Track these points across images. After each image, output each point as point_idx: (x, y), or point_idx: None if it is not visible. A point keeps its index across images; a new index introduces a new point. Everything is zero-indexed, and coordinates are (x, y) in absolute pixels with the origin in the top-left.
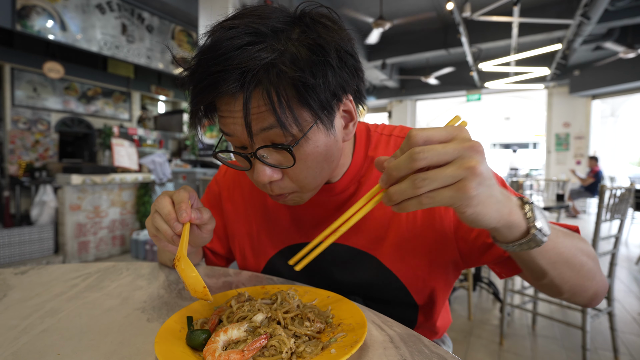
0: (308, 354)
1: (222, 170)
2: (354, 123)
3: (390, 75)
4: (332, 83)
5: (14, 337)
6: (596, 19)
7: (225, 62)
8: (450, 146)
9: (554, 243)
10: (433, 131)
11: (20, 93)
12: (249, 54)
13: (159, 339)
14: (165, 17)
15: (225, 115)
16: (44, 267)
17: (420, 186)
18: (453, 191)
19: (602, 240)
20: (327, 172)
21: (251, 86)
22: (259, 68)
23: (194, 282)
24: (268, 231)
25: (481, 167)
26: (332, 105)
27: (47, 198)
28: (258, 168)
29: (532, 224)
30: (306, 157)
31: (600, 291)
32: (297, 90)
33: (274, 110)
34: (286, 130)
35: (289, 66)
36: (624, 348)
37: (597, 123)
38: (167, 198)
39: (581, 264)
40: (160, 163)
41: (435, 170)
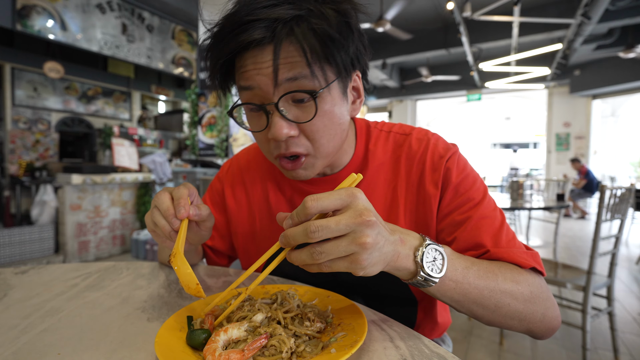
0: (308, 353)
1: (224, 167)
2: (360, 100)
3: (391, 75)
4: (352, 47)
5: (15, 336)
6: (597, 19)
7: (256, 14)
8: (342, 222)
9: (455, 284)
10: (328, 200)
11: (20, 93)
12: (278, 9)
13: (159, 339)
14: (166, 16)
15: (249, 68)
16: (45, 266)
17: (318, 259)
18: (348, 262)
19: (603, 240)
20: (338, 140)
21: (283, 35)
22: (291, 18)
23: (187, 279)
24: (271, 227)
25: (371, 240)
26: (349, 69)
27: (47, 198)
28: (276, 122)
29: (421, 267)
30: (324, 114)
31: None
32: (324, 44)
33: (305, 58)
34: (314, 77)
35: (318, 21)
36: (624, 348)
37: (597, 123)
38: (166, 194)
39: (496, 306)
40: (161, 163)
41: (330, 244)
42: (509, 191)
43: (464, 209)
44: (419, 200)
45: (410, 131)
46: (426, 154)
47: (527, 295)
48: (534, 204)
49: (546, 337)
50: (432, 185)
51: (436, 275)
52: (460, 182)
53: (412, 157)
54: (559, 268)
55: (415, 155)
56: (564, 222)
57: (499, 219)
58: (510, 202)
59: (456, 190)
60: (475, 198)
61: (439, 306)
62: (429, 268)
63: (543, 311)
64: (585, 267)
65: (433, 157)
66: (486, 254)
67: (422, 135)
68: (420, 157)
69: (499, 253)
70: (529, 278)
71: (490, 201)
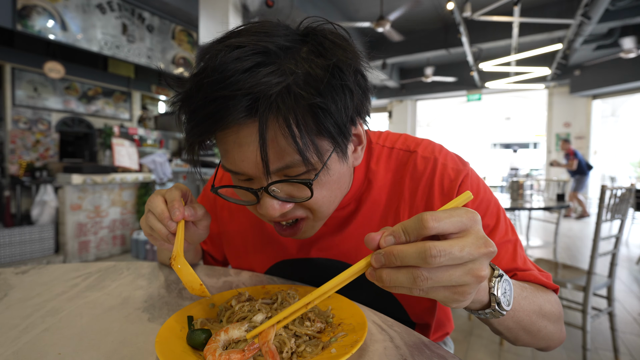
0: (308, 353)
1: (218, 176)
2: (362, 147)
3: (391, 75)
4: (350, 107)
5: (15, 336)
6: (597, 19)
7: (233, 87)
8: (466, 249)
9: (513, 313)
10: (450, 222)
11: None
12: (259, 77)
13: (159, 339)
14: (166, 17)
15: (231, 151)
16: (45, 266)
17: (420, 286)
18: (450, 292)
19: (603, 241)
20: (339, 200)
21: (267, 114)
22: (275, 94)
23: (190, 280)
24: (264, 244)
25: (485, 273)
26: (349, 131)
27: (47, 198)
28: (267, 202)
29: (494, 301)
30: (321, 187)
31: (553, 346)
32: (315, 117)
33: (295, 142)
34: (307, 162)
35: (305, 90)
36: (625, 348)
37: (597, 123)
38: (159, 197)
39: (538, 330)
40: (161, 163)
41: (442, 271)
42: (509, 191)
43: None
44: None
45: (415, 148)
46: (434, 176)
47: (556, 315)
48: (534, 204)
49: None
50: None
51: (506, 308)
52: (475, 208)
53: (417, 178)
54: (559, 268)
55: (422, 177)
56: (564, 222)
57: (513, 240)
58: (511, 202)
59: None
60: (490, 224)
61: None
62: (504, 302)
63: (561, 329)
64: (585, 267)
65: (442, 181)
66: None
67: (428, 154)
68: (428, 179)
69: (525, 276)
70: (556, 299)
71: (504, 222)
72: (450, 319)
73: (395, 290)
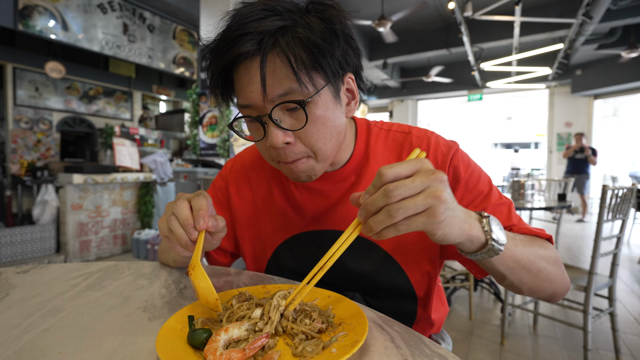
0: (309, 353)
1: (227, 166)
2: (355, 102)
3: (392, 75)
4: (338, 52)
5: (16, 335)
6: (598, 19)
7: (244, 28)
8: (417, 179)
9: (511, 252)
10: (400, 167)
11: (22, 93)
12: (265, 22)
13: (160, 338)
14: (167, 16)
15: (243, 83)
16: (46, 266)
17: (396, 216)
18: (425, 217)
19: (604, 241)
20: (335, 142)
21: (268, 46)
22: (275, 29)
23: (206, 293)
24: (275, 222)
25: (445, 194)
26: (339, 73)
27: (48, 197)
28: (272, 132)
29: (489, 236)
30: (316, 119)
31: (560, 291)
32: (310, 52)
33: (291, 67)
34: (302, 85)
35: (302, 31)
36: (626, 348)
37: (599, 123)
38: (185, 202)
39: (538, 270)
40: (162, 162)
41: (407, 200)
42: (510, 191)
43: (476, 202)
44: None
45: (409, 130)
46: (428, 152)
47: (554, 259)
48: (535, 204)
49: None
50: None
51: (503, 241)
52: (468, 177)
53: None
54: None
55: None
56: (565, 223)
57: (507, 203)
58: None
59: (466, 187)
60: (484, 190)
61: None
62: (499, 237)
63: (562, 272)
64: (586, 267)
65: (436, 155)
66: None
67: (421, 134)
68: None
69: (520, 230)
70: (550, 245)
71: (495, 188)
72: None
73: (386, 234)
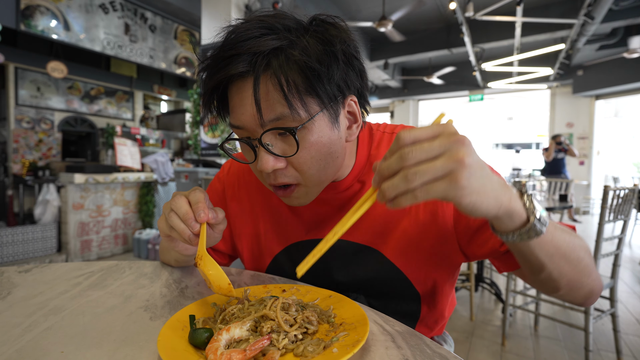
0: (310, 352)
1: (225, 168)
2: (357, 125)
3: (393, 75)
4: (336, 75)
5: (18, 334)
6: (600, 19)
7: (239, 48)
8: (437, 142)
9: (551, 235)
10: (420, 131)
11: (23, 92)
12: (261, 41)
13: (161, 337)
14: (168, 17)
15: (235, 104)
16: (48, 265)
17: (412, 180)
18: (446, 183)
19: (606, 242)
20: (331, 170)
21: (260, 68)
22: (269, 51)
23: (217, 279)
24: (274, 229)
25: (469, 158)
26: (337, 98)
27: (50, 197)
28: (262, 156)
29: (532, 212)
30: (310, 146)
31: (597, 289)
32: (305, 76)
33: (283, 92)
34: (294, 111)
35: (298, 53)
36: (627, 349)
37: (600, 123)
38: (183, 198)
39: (578, 259)
40: (163, 162)
41: (425, 163)
42: None
43: None
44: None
45: None
46: None
47: (589, 251)
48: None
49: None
50: None
51: (545, 222)
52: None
53: None
54: None
55: None
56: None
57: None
58: None
59: None
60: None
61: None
62: (540, 213)
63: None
64: None
65: None
66: None
67: None
68: None
69: None
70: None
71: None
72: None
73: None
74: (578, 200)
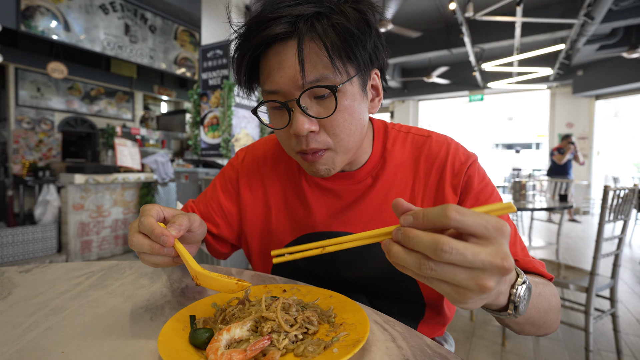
0: (310, 353)
1: (240, 156)
2: (379, 99)
3: (393, 76)
4: (369, 44)
5: (19, 334)
6: (600, 19)
7: (279, 11)
8: (480, 257)
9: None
10: (473, 222)
11: (24, 93)
12: (301, 7)
13: (162, 338)
14: (168, 17)
15: (272, 68)
16: (48, 265)
17: (425, 274)
18: (452, 291)
19: (606, 242)
20: (358, 136)
21: (304, 30)
22: (312, 14)
23: (224, 285)
24: (286, 220)
25: (493, 288)
26: (369, 65)
27: (50, 197)
28: (297, 118)
29: (512, 309)
30: (344, 109)
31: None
32: (344, 40)
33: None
34: (336, 71)
35: (338, 17)
36: (627, 349)
37: (600, 123)
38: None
39: (544, 323)
40: (163, 163)
41: (448, 269)
42: (511, 192)
43: None
44: (436, 203)
45: (429, 133)
46: (447, 158)
47: (559, 308)
48: (537, 204)
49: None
50: (452, 189)
51: (522, 314)
52: (481, 190)
53: (432, 159)
54: (561, 269)
55: (436, 158)
56: (566, 223)
57: (513, 228)
58: (513, 202)
59: (477, 198)
60: None
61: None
62: (520, 307)
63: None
64: (588, 268)
65: (454, 162)
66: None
67: (442, 139)
68: (441, 160)
69: (526, 264)
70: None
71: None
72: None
73: (401, 269)
74: (578, 200)
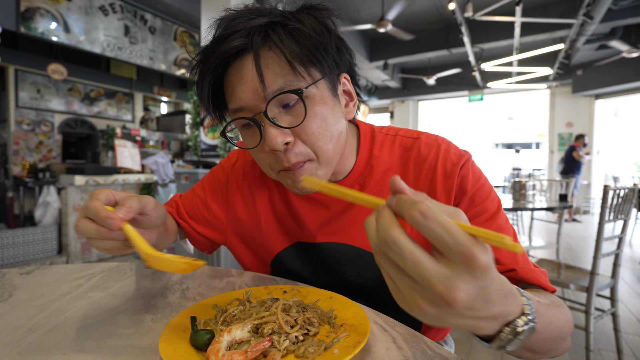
0: (311, 354)
1: (231, 158)
2: (354, 103)
3: (392, 76)
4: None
5: (20, 336)
6: (599, 19)
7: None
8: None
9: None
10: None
11: (24, 94)
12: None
13: (163, 339)
14: (168, 18)
15: (234, 85)
16: (49, 267)
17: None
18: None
19: (606, 241)
20: (336, 144)
21: (258, 41)
22: (265, 23)
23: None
24: (275, 228)
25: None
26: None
27: (50, 199)
28: (269, 132)
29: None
30: (316, 115)
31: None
32: (303, 46)
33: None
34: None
35: (293, 24)
36: (628, 349)
37: (600, 123)
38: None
39: (548, 350)
40: (163, 164)
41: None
42: (511, 191)
43: (480, 220)
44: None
45: (418, 135)
46: (437, 160)
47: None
48: (537, 204)
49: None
50: (445, 193)
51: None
52: (476, 191)
53: (421, 162)
54: (562, 269)
55: (425, 161)
56: (566, 223)
57: (512, 232)
58: (513, 202)
59: (472, 200)
60: (490, 209)
61: None
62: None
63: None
64: (588, 267)
65: (445, 164)
66: (512, 272)
67: (431, 140)
68: (431, 163)
69: (524, 273)
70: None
71: (503, 213)
72: None
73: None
74: (578, 200)
